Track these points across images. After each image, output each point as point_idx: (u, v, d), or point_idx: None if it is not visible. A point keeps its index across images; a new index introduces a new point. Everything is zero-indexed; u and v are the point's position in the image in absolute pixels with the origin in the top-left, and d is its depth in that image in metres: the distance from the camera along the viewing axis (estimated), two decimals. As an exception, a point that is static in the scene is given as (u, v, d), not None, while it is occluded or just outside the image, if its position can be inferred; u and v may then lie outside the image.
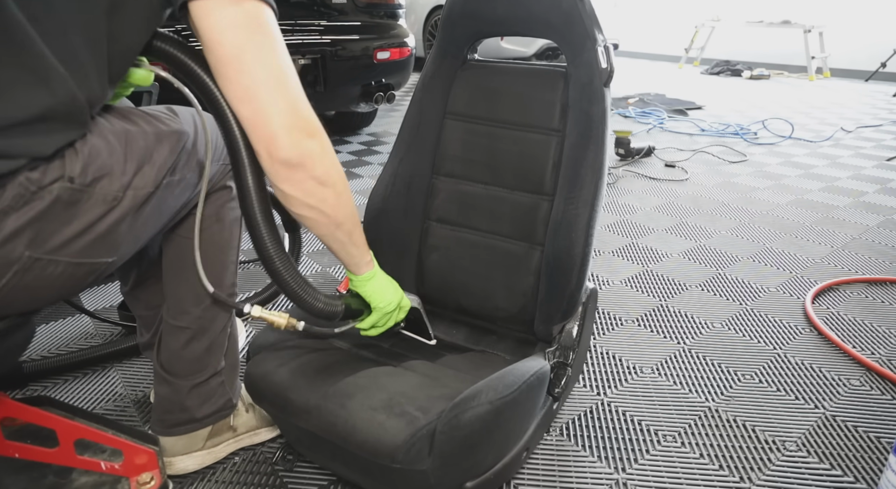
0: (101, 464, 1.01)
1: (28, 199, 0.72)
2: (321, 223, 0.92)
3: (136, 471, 1.01)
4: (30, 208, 0.73)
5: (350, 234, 0.97)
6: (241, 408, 1.26)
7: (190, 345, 1.12)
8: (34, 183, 0.73)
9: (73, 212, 0.77)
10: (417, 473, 0.92)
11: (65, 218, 0.76)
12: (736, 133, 4.23)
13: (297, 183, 0.85)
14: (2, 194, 0.70)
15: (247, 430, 1.27)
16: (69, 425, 0.97)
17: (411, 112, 1.35)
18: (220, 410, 1.20)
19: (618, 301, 1.95)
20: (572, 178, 1.18)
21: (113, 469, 1.01)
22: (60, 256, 0.78)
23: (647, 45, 9.30)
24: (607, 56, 1.16)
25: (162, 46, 0.85)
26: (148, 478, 1.01)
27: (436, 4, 6.28)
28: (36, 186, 0.73)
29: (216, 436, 1.22)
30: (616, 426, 1.38)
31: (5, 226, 0.71)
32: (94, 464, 1.01)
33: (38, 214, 0.73)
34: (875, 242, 2.42)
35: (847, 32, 7.28)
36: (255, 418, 1.28)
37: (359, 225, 0.99)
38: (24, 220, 0.73)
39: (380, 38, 3.35)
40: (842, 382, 1.54)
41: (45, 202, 0.74)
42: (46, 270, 0.77)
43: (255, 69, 0.78)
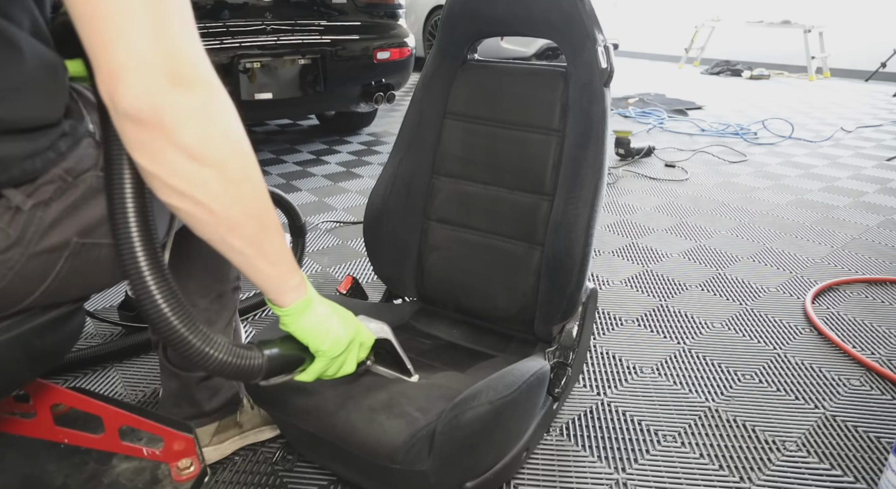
0: (143, 450, 1.04)
1: (66, 188, 0.73)
2: (202, 221, 0.65)
3: (176, 457, 1.04)
4: (69, 196, 0.74)
5: (255, 243, 0.70)
6: (246, 404, 1.27)
7: None
8: (70, 173, 0.73)
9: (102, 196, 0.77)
10: (417, 474, 0.92)
11: (100, 202, 0.76)
12: (736, 133, 4.23)
13: (151, 153, 0.60)
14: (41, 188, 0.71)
15: (252, 427, 1.27)
16: (114, 412, 1.01)
17: (411, 112, 1.35)
18: (228, 404, 1.21)
19: (618, 301, 1.95)
20: (572, 178, 1.18)
21: (154, 455, 1.04)
22: (103, 239, 0.78)
23: (647, 45, 9.30)
24: (607, 56, 1.16)
25: None
26: (188, 463, 1.03)
27: (436, 4, 6.28)
28: (72, 177, 0.74)
29: (222, 433, 1.22)
30: (616, 426, 1.38)
31: (49, 215, 0.73)
32: (137, 450, 1.04)
33: (76, 201, 0.74)
34: (875, 242, 2.42)
35: (847, 32, 7.28)
36: (260, 416, 1.28)
37: (275, 230, 0.72)
38: (63, 208, 0.74)
39: (380, 38, 3.36)
40: (842, 382, 1.54)
41: (80, 190, 0.75)
42: (93, 253, 0.78)
43: None
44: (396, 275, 1.41)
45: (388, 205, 1.35)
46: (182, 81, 0.58)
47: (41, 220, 0.72)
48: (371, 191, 1.37)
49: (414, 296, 1.44)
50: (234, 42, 2.86)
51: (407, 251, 1.38)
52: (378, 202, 1.36)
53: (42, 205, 0.72)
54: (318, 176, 3.24)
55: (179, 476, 1.02)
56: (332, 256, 2.26)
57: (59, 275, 0.76)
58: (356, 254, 2.29)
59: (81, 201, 0.75)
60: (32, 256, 0.73)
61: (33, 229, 0.72)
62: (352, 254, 2.28)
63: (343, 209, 2.76)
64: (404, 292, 1.44)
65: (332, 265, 2.18)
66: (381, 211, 1.36)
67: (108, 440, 1.03)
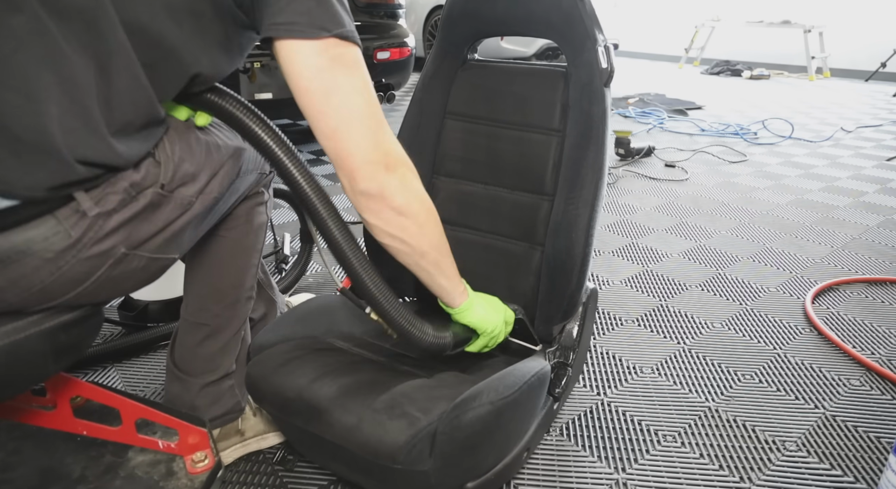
0: (159, 443, 1.06)
1: (128, 201, 0.81)
2: (404, 252, 0.95)
3: (191, 450, 1.05)
4: (128, 209, 0.81)
5: (437, 265, 0.99)
6: (248, 412, 1.26)
7: (205, 343, 1.15)
8: (136, 188, 0.81)
9: (157, 213, 0.85)
10: (418, 474, 0.92)
11: (151, 218, 0.84)
12: (736, 133, 4.23)
13: (375, 212, 0.89)
14: (108, 197, 0.78)
15: (254, 434, 1.26)
16: (131, 405, 1.03)
17: (411, 112, 1.35)
18: (228, 412, 1.20)
19: (618, 301, 1.95)
20: (572, 179, 1.18)
21: (169, 448, 1.05)
22: (143, 252, 0.85)
23: (647, 45, 9.31)
24: (607, 56, 1.16)
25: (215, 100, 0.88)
26: (202, 456, 1.05)
27: (436, 4, 6.28)
28: (136, 191, 0.81)
29: (224, 440, 1.22)
30: (616, 426, 1.38)
31: (108, 224, 0.79)
32: (153, 442, 1.06)
33: (133, 215, 0.82)
34: (875, 242, 2.42)
35: (847, 32, 7.28)
36: (263, 422, 1.27)
37: (448, 255, 1.01)
38: (122, 220, 0.80)
39: (380, 38, 3.36)
40: (842, 382, 1.54)
41: (141, 204, 0.82)
42: (132, 264, 0.85)
43: (340, 110, 0.83)
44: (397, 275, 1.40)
45: (388, 205, 1.35)
46: (390, 167, 0.87)
47: (100, 228, 0.79)
48: (371, 191, 1.37)
49: (414, 297, 1.44)
50: (234, 42, 2.86)
51: (407, 251, 1.38)
52: (378, 202, 1.36)
53: (105, 214, 0.78)
54: (318, 176, 3.22)
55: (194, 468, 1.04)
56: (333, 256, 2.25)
57: (97, 281, 0.82)
58: (356, 254, 2.28)
59: (138, 215, 0.82)
60: (81, 260, 0.79)
61: (91, 234, 0.78)
62: (352, 254, 2.28)
63: (343, 209, 2.74)
64: (404, 292, 1.44)
65: (333, 265, 2.18)
66: (382, 211, 1.35)
67: (125, 432, 1.05)
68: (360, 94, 0.84)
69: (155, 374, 1.53)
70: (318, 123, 0.84)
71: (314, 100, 0.82)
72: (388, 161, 0.87)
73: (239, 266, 1.13)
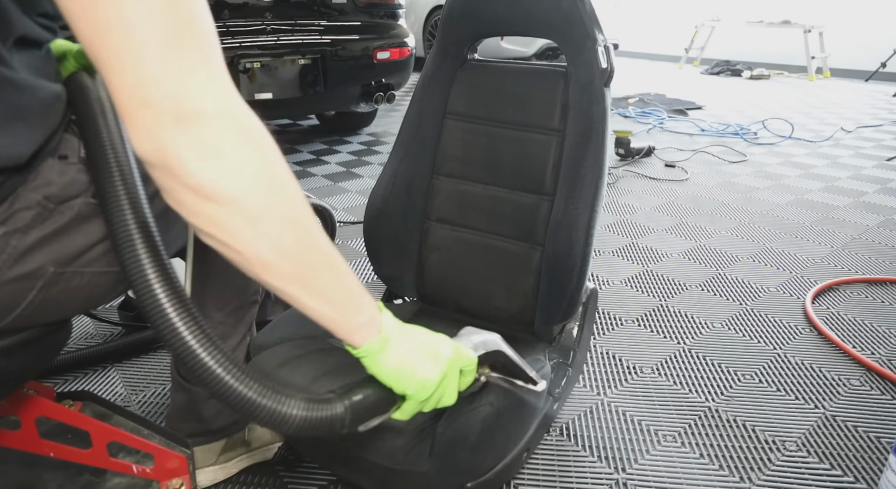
0: (133, 468, 1.02)
1: (46, 216, 0.70)
2: (233, 261, 0.60)
3: (167, 476, 1.01)
4: (49, 224, 0.70)
5: (298, 282, 0.62)
6: None
7: None
8: (53, 200, 0.70)
9: (92, 223, 0.75)
10: (418, 474, 0.92)
11: (84, 229, 0.73)
12: (736, 133, 4.23)
13: (170, 193, 0.55)
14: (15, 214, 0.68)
15: (260, 445, 1.24)
16: (102, 427, 0.99)
17: (411, 112, 1.35)
18: (234, 423, 1.18)
19: (618, 301, 1.95)
20: (572, 179, 1.18)
21: (144, 472, 1.02)
22: (81, 267, 0.75)
23: (647, 45, 9.30)
24: (607, 56, 1.16)
25: None
26: (178, 483, 1.01)
27: (436, 4, 6.28)
28: (54, 203, 0.70)
29: (229, 451, 1.19)
30: (616, 426, 1.38)
31: (25, 242, 0.69)
32: (126, 466, 1.02)
33: (56, 229, 0.71)
34: (875, 242, 2.42)
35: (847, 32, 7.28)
36: (269, 433, 1.25)
37: (324, 266, 0.63)
38: (44, 235, 0.70)
39: (380, 38, 3.36)
40: (842, 382, 1.54)
41: (65, 217, 0.71)
42: (72, 282, 0.75)
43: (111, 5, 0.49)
44: (396, 276, 1.41)
45: (388, 205, 1.35)
46: (186, 118, 0.51)
47: (14, 248, 0.68)
48: (371, 191, 1.37)
49: (414, 297, 1.44)
50: (234, 42, 2.86)
51: (407, 251, 1.38)
52: (378, 202, 1.36)
53: (18, 232, 0.68)
54: (318, 176, 3.24)
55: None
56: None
57: (32, 304, 0.73)
58: (356, 254, 2.29)
59: (65, 229, 0.71)
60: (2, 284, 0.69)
61: (4, 257, 0.68)
62: (352, 254, 2.28)
63: (343, 209, 2.75)
64: (404, 292, 1.44)
65: (332, 265, 2.18)
66: (381, 211, 1.35)
67: (95, 455, 1.00)
68: None
69: (155, 375, 1.53)
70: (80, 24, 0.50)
71: None
72: (183, 107, 0.51)
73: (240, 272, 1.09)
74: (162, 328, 0.58)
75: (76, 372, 1.54)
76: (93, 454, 1.00)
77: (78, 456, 1.01)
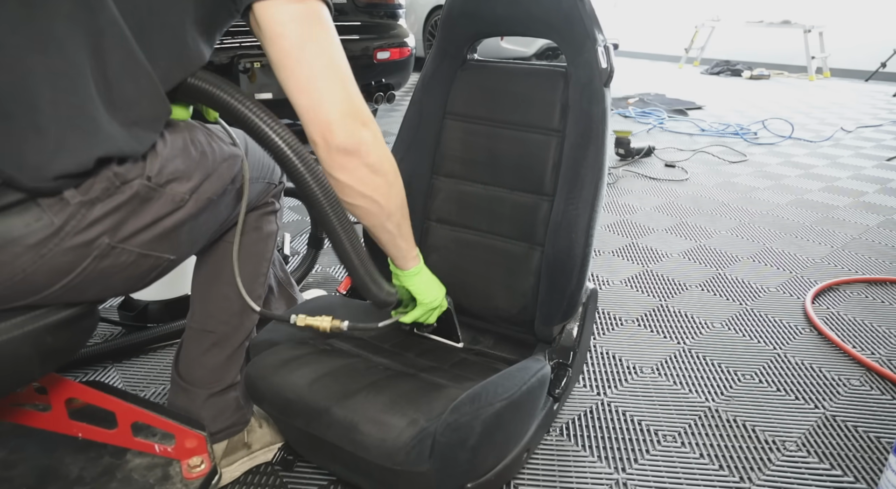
0: (155, 447, 1.05)
1: (112, 191, 0.79)
2: (373, 213, 0.95)
3: (187, 455, 1.05)
4: (112, 200, 0.80)
5: (399, 226, 1.00)
6: (254, 424, 1.24)
7: (210, 352, 1.13)
8: (119, 178, 0.79)
9: (146, 207, 0.84)
10: (418, 475, 0.92)
11: (139, 211, 0.83)
12: (736, 133, 4.23)
13: (351, 170, 0.88)
14: (92, 186, 0.77)
15: (261, 447, 1.24)
16: (127, 408, 1.02)
17: (411, 112, 1.35)
18: (234, 425, 1.18)
19: (618, 301, 1.95)
20: (572, 179, 1.18)
21: (166, 451, 1.05)
22: (131, 246, 0.84)
23: (647, 45, 9.30)
24: (607, 56, 1.16)
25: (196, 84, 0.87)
26: (198, 461, 1.04)
27: (436, 4, 6.28)
28: (120, 181, 0.79)
29: (231, 454, 1.20)
30: (616, 426, 1.38)
31: (91, 214, 0.78)
32: (149, 446, 1.05)
33: (118, 206, 0.80)
34: (875, 242, 2.42)
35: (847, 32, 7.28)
36: (270, 434, 1.26)
37: (408, 218, 1.02)
38: (106, 210, 0.79)
39: (380, 38, 3.36)
40: (842, 382, 1.54)
41: (126, 195, 0.81)
42: (119, 258, 0.84)
43: (314, 60, 0.83)
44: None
45: (388, 205, 1.35)
46: (364, 122, 0.87)
47: (83, 217, 0.78)
48: (371, 191, 1.37)
49: (414, 297, 1.44)
50: (233, 42, 2.86)
51: (407, 251, 1.38)
52: (378, 202, 1.36)
53: (88, 203, 0.77)
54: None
55: (190, 474, 1.03)
56: (333, 256, 2.26)
57: (83, 273, 0.81)
58: (356, 254, 2.28)
59: (124, 206, 0.81)
60: (65, 249, 0.78)
61: (74, 223, 0.77)
62: (352, 255, 2.28)
63: (343, 209, 2.75)
64: (404, 292, 1.44)
65: (333, 265, 2.18)
66: (381, 211, 1.35)
67: (121, 435, 1.04)
68: (334, 46, 0.85)
69: (155, 374, 1.53)
70: (292, 74, 0.83)
71: (289, 48, 0.82)
72: (363, 116, 0.87)
73: (247, 273, 1.13)
74: None
75: (76, 371, 1.54)
76: (118, 434, 1.04)
77: (104, 436, 1.05)
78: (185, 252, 0.96)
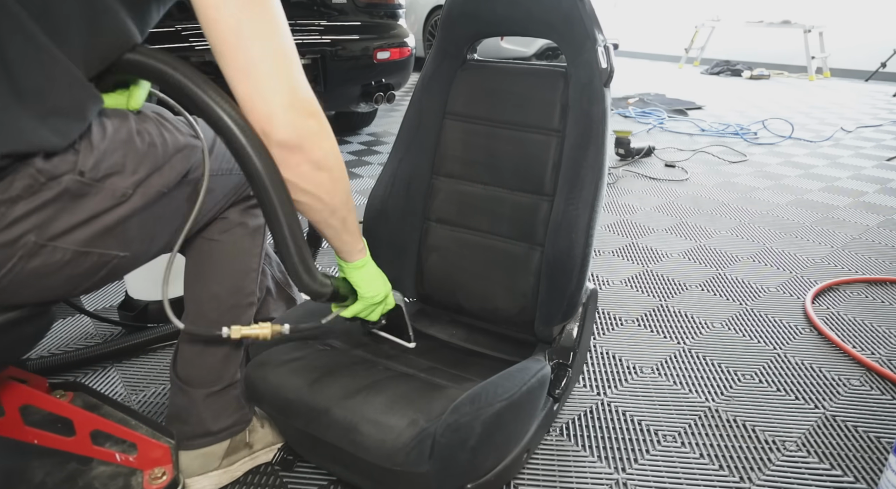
0: (116, 456, 1.02)
1: (37, 189, 0.74)
2: (316, 209, 0.90)
3: (150, 465, 1.02)
4: (37, 197, 0.75)
5: (344, 221, 0.95)
6: (256, 423, 1.23)
7: (207, 352, 1.12)
8: (44, 174, 0.74)
9: (79, 203, 0.78)
10: (418, 476, 0.92)
11: (71, 208, 0.78)
12: (736, 133, 4.23)
13: (293, 167, 0.83)
14: (12, 184, 0.72)
15: (263, 447, 1.24)
16: (85, 416, 0.99)
17: (411, 112, 1.35)
18: (235, 424, 1.17)
19: (618, 301, 1.95)
20: (572, 179, 1.18)
21: (127, 461, 1.03)
22: (66, 244, 0.79)
23: (647, 45, 9.30)
24: (607, 56, 1.16)
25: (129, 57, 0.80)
26: (160, 472, 1.02)
27: (436, 4, 6.28)
28: (46, 177, 0.74)
29: (232, 455, 1.19)
30: (616, 426, 1.38)
31: (13, 212, 0.73)
32: (110, 454, 1.03)
33: (44, 203, 0.75)
34: (875, 242, 2.42)
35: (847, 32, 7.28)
36: (272, 434, 1.25)
37: (353, 211, 0.97)
38: (30, 208, 0.74)
39: (380, 38, 3.35)
40: (842, 382, 1.54)
41: (53, 192, 0.75)
42: (53, 257, 0.78)
43: (253, 45, 0.75)
44: (396, 276, 1.41)
45: (387, 205, 1.35)
46: (310, 113, 0.81)
47: (2, 215, 0.73)
48: (370, 191, 1.37)
49: (414, 297, 1.44)
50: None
51: (406, 252, 1.38)
52: (377, 203, 1.36)
53: (8, 201, 0.73)
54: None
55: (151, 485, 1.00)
56: (333, 256, 2.26)
57: (11, 274, 0.76)
58: (356, 254, 2.28)
59: (52, 203, 0.76)
60: None
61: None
62: (352, 255, 2.28)
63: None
64: (404, 293, 1.44)
65: (333, 265, 2.18)
66: (381, 211, 1.35)
67: (79, 443, 1.01)
68: (278, 29, 0.77)
69: (155, 374, 1.53)
70: (231, 62, 0.75)
71: (226, 32, 0.74)
72: (309, 107, 0.80)
73: (237, 270, 1.10)
74: None
75: (76, 372, 1.54)
76: (76, 442, 1.01)
77: (61, 443, 1.01)
78: (143, 249, 0.91)
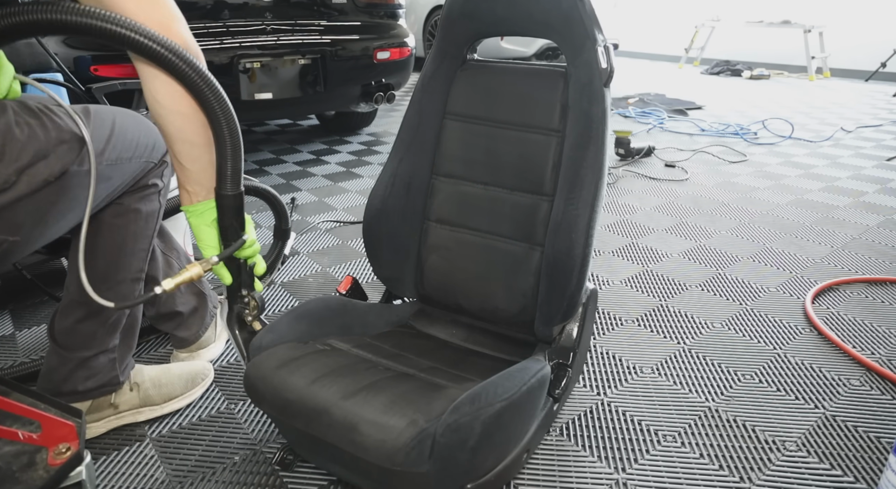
0: (19, 434, 1.03)
1: None
2: None
3: (55, 442, 1.03)
4: None
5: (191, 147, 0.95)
6: (126, 386, 1.30)
7: (85, 322, 1.18)
8: None
9: None
10: (418, 476, 0.92)
11: None
12: (736, 133, 4.23)
13: None
14: None
15: (129, 408, 1.31)
16: None
17: (411, 112, 1.35)
18: (103, 386, 1.25)
19: (618, 301, 1.95)
20: (572, 179, 1.18)
21: (31, 439, 1.03)
22: None
23: (647, 45, 9.30)
24: (607, 56, 1.16)
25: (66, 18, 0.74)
26: (64, 448, 1.03)
27: (436, 4, 6.28)
28: None
29: (96, 412, 1.26)
30: (616, 426, 1.38)
31: None
32: (13, 433, 1.03)
33: None
34: (875, 242, 2.42)
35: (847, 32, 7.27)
36: (139, 397, 1.31)
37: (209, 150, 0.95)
38: None
39: (380, 38, 3.35)
40: (842, 382, 1.54)
41: None
42: None
43: None
44: (396, 276, 1.41)
45: (387, 205, 1.35)
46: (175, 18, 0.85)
47: None
48: (371, 191, 1.37)
49: (414, 297, 1.44)
50: (234, 42, 2.86)
51: (406, 252, 1.38)
52: (377, 202, 1.36)
53: None
54: (318, 176, 3.24)
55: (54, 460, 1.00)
56: (332, 256, 2.26)
57: None
58: (356, 254, 2.29)
59: None
60: None
61: None
62: (352, 254, 2.28)
63: (343, 209, 2.75)
64: (404, 293, 1.44)
65: (332, 265, 2.18)
66: (381, 211, 1.35)
67: None
68: None
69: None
70: None
71: None
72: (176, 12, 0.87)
73: (124, 251, 1.17)
74: None
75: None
76: None
77: None
78: (36, 233, 0.96)
